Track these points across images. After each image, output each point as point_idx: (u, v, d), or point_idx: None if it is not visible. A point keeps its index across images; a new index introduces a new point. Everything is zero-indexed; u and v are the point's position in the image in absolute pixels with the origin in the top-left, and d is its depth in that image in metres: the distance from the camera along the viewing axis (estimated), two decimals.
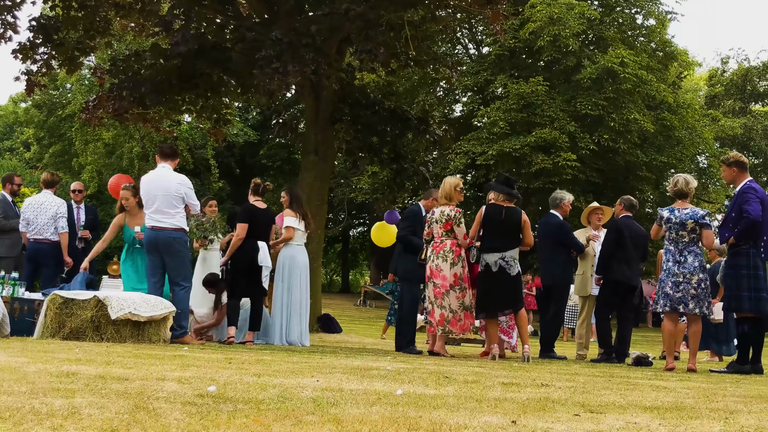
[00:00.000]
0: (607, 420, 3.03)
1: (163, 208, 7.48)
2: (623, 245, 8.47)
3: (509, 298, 7.47)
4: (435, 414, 2.96)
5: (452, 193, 7.79)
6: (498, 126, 25.00)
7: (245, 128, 33.78)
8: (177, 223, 7.54)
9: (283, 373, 4.45)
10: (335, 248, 43.99)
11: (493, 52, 28.36)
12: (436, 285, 7.64)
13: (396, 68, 13.99)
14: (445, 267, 7.59)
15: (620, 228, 8.55)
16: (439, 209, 7.79)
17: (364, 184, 28.72)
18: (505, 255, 7.41)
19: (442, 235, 7.69)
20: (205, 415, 2.65)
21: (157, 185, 7.58)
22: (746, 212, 6.83)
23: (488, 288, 7.48)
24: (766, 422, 3.15)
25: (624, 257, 8.50)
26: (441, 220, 7.69)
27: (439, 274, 7.62)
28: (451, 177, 8.19)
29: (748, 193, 6.99)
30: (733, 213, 7.07)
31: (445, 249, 7.63)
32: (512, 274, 7.42)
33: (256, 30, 11.32)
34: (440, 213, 7.73)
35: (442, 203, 7.83)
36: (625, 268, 8.53)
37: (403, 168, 13.97)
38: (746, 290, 6.91)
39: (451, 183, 7.88)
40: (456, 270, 7.60)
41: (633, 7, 29.37)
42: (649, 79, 25.90)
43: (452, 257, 7.60)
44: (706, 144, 29.36)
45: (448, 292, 7.59)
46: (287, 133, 15.04)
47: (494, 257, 7.42)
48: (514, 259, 7.46)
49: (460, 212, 7.77)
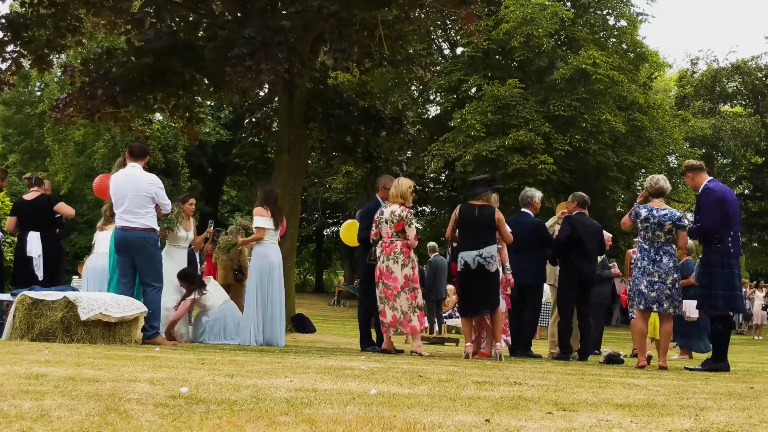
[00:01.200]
0: (580, 418, 3.06)
1: (133, 208, 7.40)
2: (578, 241, 8.60)
3: (489, 296, 7.48)
4: (409, 413, 2.96)
5: (407, 193, 7.76)
6: (474, 129, 25.09)
7: (217, 127, 33.56)
8: (147, 223, 7.46)
9: (257, 374, 4.43)
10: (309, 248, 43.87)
11: (467, 52, 28.46)
12: (387, 286, 7.61)
13: (370, 68, 13.99)
14: (396, 268, 7.56)
15: (573, 224, 8.69)
16: (389, 209, 7.70)
17: (338, 184, 28.67)
18: (483, 252, 7.43)
19: (392, 236, 7.63)
20: (177, 417, 2.62)
21: (128, 185, 7.50)
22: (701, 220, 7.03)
23: (468, 287, 7.51)
24: (736, 419, 3.19)
25: (580, 252, 8.64)
26: (392, 221, 7.62)
27: (390, 276, 7.59)
28: (405, 178, 8.13)
29: (705, 196, 7.13)
30: (698, 215, 7.20)
31: (396, 250, 7.59)
32: (491, 271, 7.44)
33: (228, 28, 11.25)
34: (390, 213, 7.65)
35: (396, 201, 7.72)
36: (583, 264, 8.66)
37: (377, 168, 13.97)
38: (720, 288, 7.00)
39: (408, 183, 7.84)
40: (406, 271, 7.58)
41: (605, 9, 29.65)
42: (621, 80, 26.14)
43: (402, 258, 7.58)
44: (676, 144, 29.71)
45: (399, 294, 7.59)
46: (260, 132, 14.98)
47: (472, 255, 7.44)
48: (492, 256, 7.47)
49: (411, 213, 7.79)
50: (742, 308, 7.22)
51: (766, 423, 3.08)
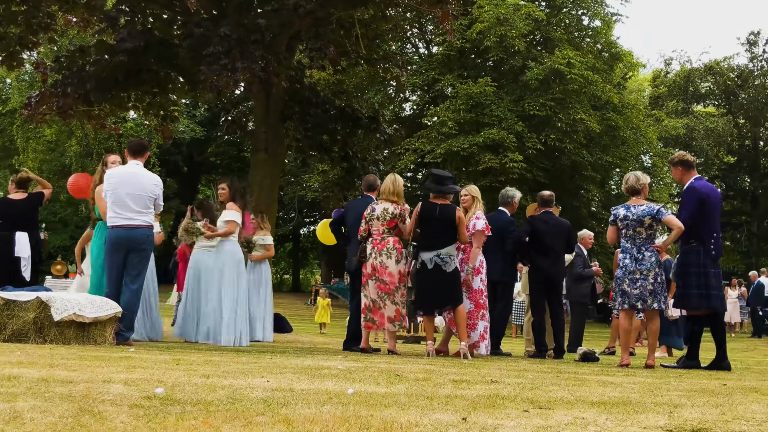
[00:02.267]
0: (556, 416, 3.07)
1: (138, 207, 7.33)
2: (539, 240, 8.72)
3: (446, 295, 7.46)
4: (386, 412, 2.96)
5: (402, 191, 7.78)
6: (447, 126, 25.16)
7: (192, 125, 33.33)
8: (149, 221, 7.44)
9: (233, 374, 4.40)
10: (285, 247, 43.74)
11: (442, 51, 28.53)
12: (383, 282, 7.62)
13: (346, 66, 13.98)
14: (391, 264, 7.57)
15: (534, 224, 8.79)
16: (381, 206, 7.70)
17: (315, 183, 28.60)
18: (441, 252, 7.39)
19: (383, 233, 7.65)
20: (152, 418, 2.60)
21: (131, 183, 7.39)
22: (681, 217, 7.05)
23: (424, 285, 7.50)
24: (709, 415, 3.23)
25: (542, 252, 8.75)
26: (384, 217, 7.63)
27: (385, 272, 7.59)
28: (399, 177, 8.13)
29: (685, 196, 7.17)
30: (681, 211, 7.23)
31: (389, 246, 7.59)
32: (448, 271, 7.40)
33: (204, 26, 11.18)
34: (383, 210, 7.66)
35: (389, 199, 7.73)
36: (546, 263, 8.77)
37: (354, 166, 13.95)
38: (695, 288, 7.06)
39: (401, 181, 7.88)
40: (401, 267, 7.60)
41: (579, 9, 29.84)
42: (595, 80, 26.35)
43: (396, 254, 7.59)
44: (650, 144, 30.02)
45: (397, 288, 7.60)
46: (236, 130, 14.89)
47: (429, 255, 7.42)
48: (450, 255, 7.44)
49: (406, 209, 7.76)
50: (718, 307, 7.24)
51: (738, 419, 3.12)
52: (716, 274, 7.18)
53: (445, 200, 7.59)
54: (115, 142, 29.23)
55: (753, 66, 39.21)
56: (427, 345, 7.69)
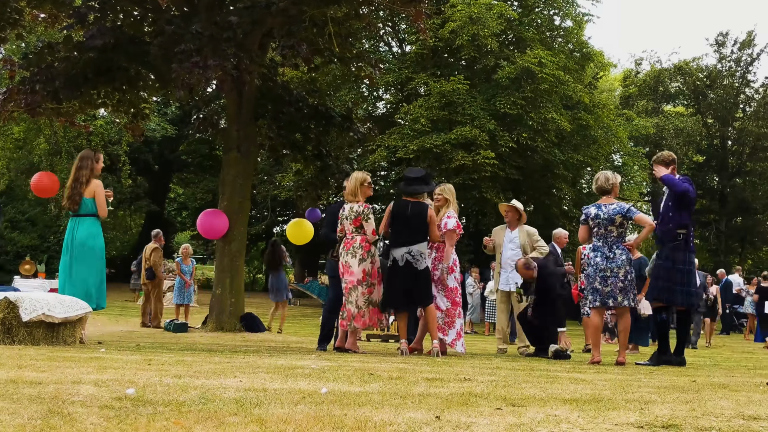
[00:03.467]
0: (529, 413, 3.09)
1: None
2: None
3: (416, 293, 7.48)
4: (360, 411, 2.96)
5: (358, 189, 7.80)
6: (419, 123, 25.20)
7: (163, 123, 33.02)
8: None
9: (205, 374, 4.37)
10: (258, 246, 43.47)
11: (415, 50, 28.56)
12: (346, 281, 7.66)
13: (319, 65, 13.92)
14: (354, 263, 7.61)
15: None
16: (348, 206, 7.80)
17: (288, 182, 28.47)
18: (412, 249, 7.43)
19: (352, 232, 7.71)
20: (123, 419, 2.57)
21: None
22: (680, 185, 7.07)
23: (394, 283, 7.51)
24: (679, 411, 3.27)
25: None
26: (350, 217, 7.71)
27: (348, 270, 7.64)
28: (358, 172, 8.15)
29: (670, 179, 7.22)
30: (670, 202, 7.25)
31: (355, 245, 7.64)
32: (419, 269, 7.44)
33: (175, 23, 11.06)
34: (349, 209, 7.75)
35: (350, 200, 7.81)
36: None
37: (327, 165, 13.90)
38: (679, 284, 7.15)
39: (358, 179, 7.88)
40: (365, 266, 7.61)
41: (551, 9, 30.03)
42: (567, 80, 26.53)
43: (361, 253, 7.61)
44: (620, 143, 30.30)
45: (355, 288, 7.61)
46: (208, 128, 14.75)
47: (401, 252, 7.46)
48: (422, 253, 7.47)
49: (368, 207, 7.80)
50: (697, 306, 7.40)
51: (708, 415, 3.16)
52: (695, 272, 7.32)
53: (418, 198, 7.63)
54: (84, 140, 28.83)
55: (721, 66, 39.77)
56: (400, 343, 7.70)
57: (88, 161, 7.90)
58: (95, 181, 7.81)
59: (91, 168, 7.85)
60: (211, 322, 12.46)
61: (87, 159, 7.93)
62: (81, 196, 7.74)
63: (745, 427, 2.90)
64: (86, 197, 7.75)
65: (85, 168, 7.83)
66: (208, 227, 12.05)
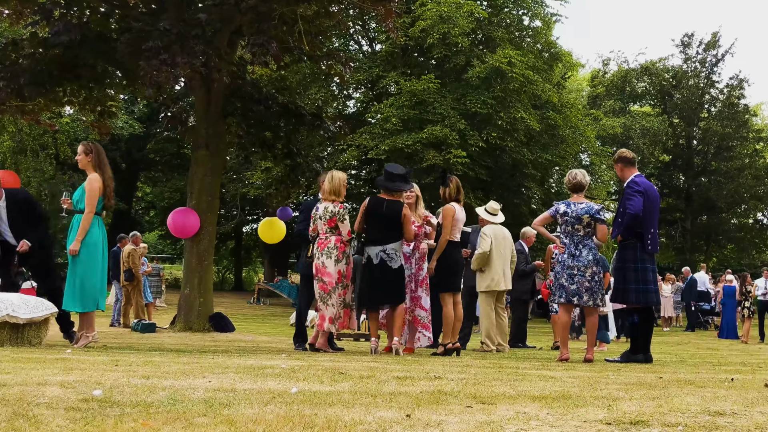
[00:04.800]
0: (498, 411, 3.10)
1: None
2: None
3: (390, 291, 7.48)
4: (330, 411, 2.95)
5: (340, 188, 7.76)
6: (390, 122, 25.23)
7: (130, 121, 32.64)
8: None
9: (173, 375, 4.33)
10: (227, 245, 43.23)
11: (386, 49, 28.58)
12: (323, 282, 7.62)
13: (289, 63, 13.86)
14: (330, 264, 7.57)
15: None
16: (323, 205, 7.72)
17: (257, 180, 28.34)
18: (387, 248, 7.43)
19: (326, 232, 7.65)
20: (90, 421, 2.53)
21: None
22: (627, 208, 7.16)
23: (369, 281, 7.51)
24: (646, 408, 3.30)
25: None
26: (325, 217, 7.65)
27: (324, 271, 7.60)
28: (339, 172, 8.12)
29: (629, 189, 7.32)
30: (621, 209, 7.38)
31: (330, 245, 7.60)
32: (393, 267, 7.44)
33: (143, 20, 10.95)
34: (324, 209, 7.68)
35: (328, 198, 7.74)
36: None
37: (297, 164, 13.86)
38: (633, 283, 7.23)
39: (341, 178, 7.84)
40: (340, 267, 7.59)
41: (520, 8, 30.24)
42: (535, 79, 26.73)
43: (336, 254, 7.58)
44: (588, 142, 30.62)
45: (334, 289, 7.59)
46: (176, 126, 14.63)
47: (375, 250, 7.45)
48: (396, 252, 7.47)
49: (344, 208, 7.77)
50: (654, 302, 7.45)
51: (675, 411, 3.20)
52: (653, 270, 7.38)
53: (394, 196, 7.61)
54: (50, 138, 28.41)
55: (687, 67, 40.34)
56: (371, 341, 7.70)
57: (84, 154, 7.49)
58: (95, 174, 7.45)
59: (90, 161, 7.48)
60: (180, 322, 12.36)
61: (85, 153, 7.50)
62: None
63: (711, 422, 2.94)
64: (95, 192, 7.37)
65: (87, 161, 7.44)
66: (180, 226, 11.94)
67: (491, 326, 9.95)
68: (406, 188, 7.78)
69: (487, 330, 10.00)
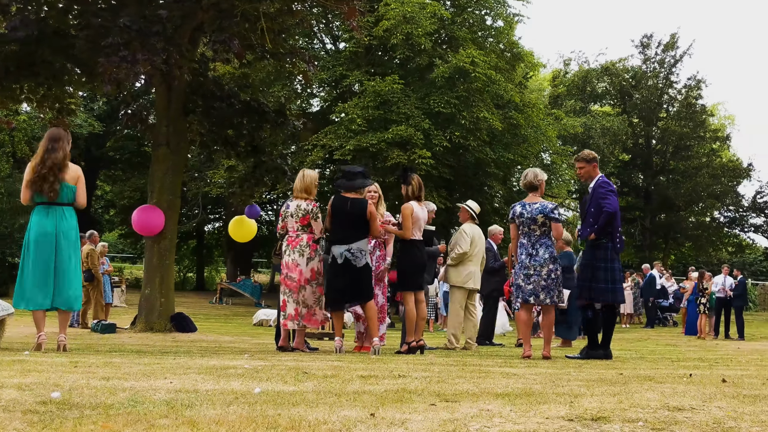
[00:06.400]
0: (462, 408, 3.12)
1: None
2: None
3: (355, 290, 7.48)
4: (294, 411, 2.94)
5: (312, 187, 7.76)
6: (355, 122, 25.21)
7: (90, 118, 32.12)
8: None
9: (134, 376, 4.27)
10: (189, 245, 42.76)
11: (349, 48, 28.52)
12: (291, 279, 7.60)
13: (251, 60, 13.76)
14: (302, 262, 7.57)
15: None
16: (295, 203, 7.71)
17: (220, 178, 28.07)
18: (352, 247, 7.42)
19: (297, 230, 7.65)
20: (48, 424, 2.49)
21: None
22: (605, 206, 7.24)
23: (334, 280, 7.51)
24: (607, 404, 3.34)
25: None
26: (297, 215, 7.65)
27: (295, 268, 7.58)
28: (310, 170, 8.13)
29: (604, 188, 7.41)
30: (592, 208, 7.44)
31: (302, 243, 7.60)
32: (358, 266, 7.42)
33: (102, 16, 10.78)
34: (296, 207, 7.67)
35: (299, 196, 7.74)
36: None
37: (261, 162, 13.77)
38: (603, 282, 7.33)
39: (313, 177, 7.83)
40: (313, 265, 7.60)
41: (482, 8, 30.40)
42: (498, 79, 26.90)
43: (309, 252, 7.58)
44: (549, 142, 30.93)
45: (304, 287, 7.58)
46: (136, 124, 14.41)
47: (340, 249, 7.44)
48: (361, 250, 7.46)
49: (317, 206, 7.76)
50: (621, 300, 7.64)
51: (635, 407, 3.24)
52: (619, 269, 7.51)
53: (357, 194, 7.61)
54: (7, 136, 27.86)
55: (646, 67, 40.96)
56: (335, 341, 7.69)
57: (62, 143, 7.02)
58: (75, 165, 7.07)
59: (67, 151, 7.03)
60: (141, 323, 12.21)
61: (61, 140, 7.04)
62: (61, 181, 6.88)
63: (670, 417, 2.99)
64: (70, 183, 6.94)
65: (61, 150, 6.95)
66: (144, 224, 11.75)
67: (459, 324, 10.01)
68: (367, 184, 7.79)
69: (454, 327, 10.06)
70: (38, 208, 6.90)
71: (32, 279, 6.77)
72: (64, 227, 6.88)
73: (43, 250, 6.76)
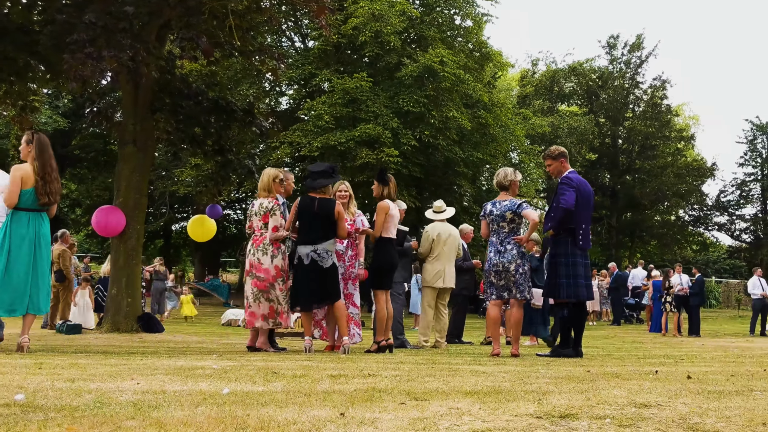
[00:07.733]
0: (432, 407, 3.12)
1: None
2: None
3: (322, 291, 7.45)
4: (263, 411, 2.92)
5: (270, 185, 7.78)
6: (323, 120, 25.15)
7: (55, 116, 31.64)
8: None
9: (100, 377, 4.21)
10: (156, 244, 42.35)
11: (318, 46, 28.45)
12: (259, 278, 7.59)
13: (219, 58, 13.64)
14: (266, 260, 7.59)
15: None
16: (258, 201, 7.79)
17: (187, 177, 27.85)
18: (318, 248, 7.39)
19: (261, 228, 7.67)
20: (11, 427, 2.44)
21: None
22: (561, 202, 7.32)
23: (301, 281, 7.48)
24: (575, 401, 3.37)
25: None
26: (260, 213, 7.71)
27: (260, 267, 7.58)
28: (270, 168, 8.14)
29: (563, 185, 7.48)
30: (554, 203, 7.52)
31: (265, 242, 7.63)
32: (325, 267, 7.39)
33: (67, 12, 10.60)
34: (259, 205, 7.76)
35: (261, 195, 7.82)
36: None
37: (229, 160, 13.66)
38: (564, 277, 7.39)
39: (269, 174, 7.86)
40: (277, 262, 7.60)
41: (451, 8, 30.51)
42: (467, 79, 27.02)
43: (272, 250, 7.60)
44: (518, 141, 31.15)
45: (273, 285, 7.57)
46: (102, 122, 14.21)
47: (306, 250, 7.41)
48: (328, 251, 7.43)
49: (277, 204, 7.75)
50: (584, 296, 7.57)
51: (603, 404, 3.28)
52: (585, 264, 7.54)
53: (325, 194, 7.58)
54: None
55: (612, 68, 41.48)
56: (305, 340, 7.66)
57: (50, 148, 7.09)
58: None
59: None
60: (107, 323, 12.04)
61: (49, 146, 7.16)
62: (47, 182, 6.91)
63: (637, 414, 3.02)
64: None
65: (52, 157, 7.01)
66: (104, 224, 11.64)
67: (429, 322, 10.04)
68: (330, 182, 7.74)
69: (425, 326, 10.09)
70: (18, 213, 6.76)
71: (9, 285, 6.59)
72: (43, 231, 6.82)
73: (22, 255, 6.64)
